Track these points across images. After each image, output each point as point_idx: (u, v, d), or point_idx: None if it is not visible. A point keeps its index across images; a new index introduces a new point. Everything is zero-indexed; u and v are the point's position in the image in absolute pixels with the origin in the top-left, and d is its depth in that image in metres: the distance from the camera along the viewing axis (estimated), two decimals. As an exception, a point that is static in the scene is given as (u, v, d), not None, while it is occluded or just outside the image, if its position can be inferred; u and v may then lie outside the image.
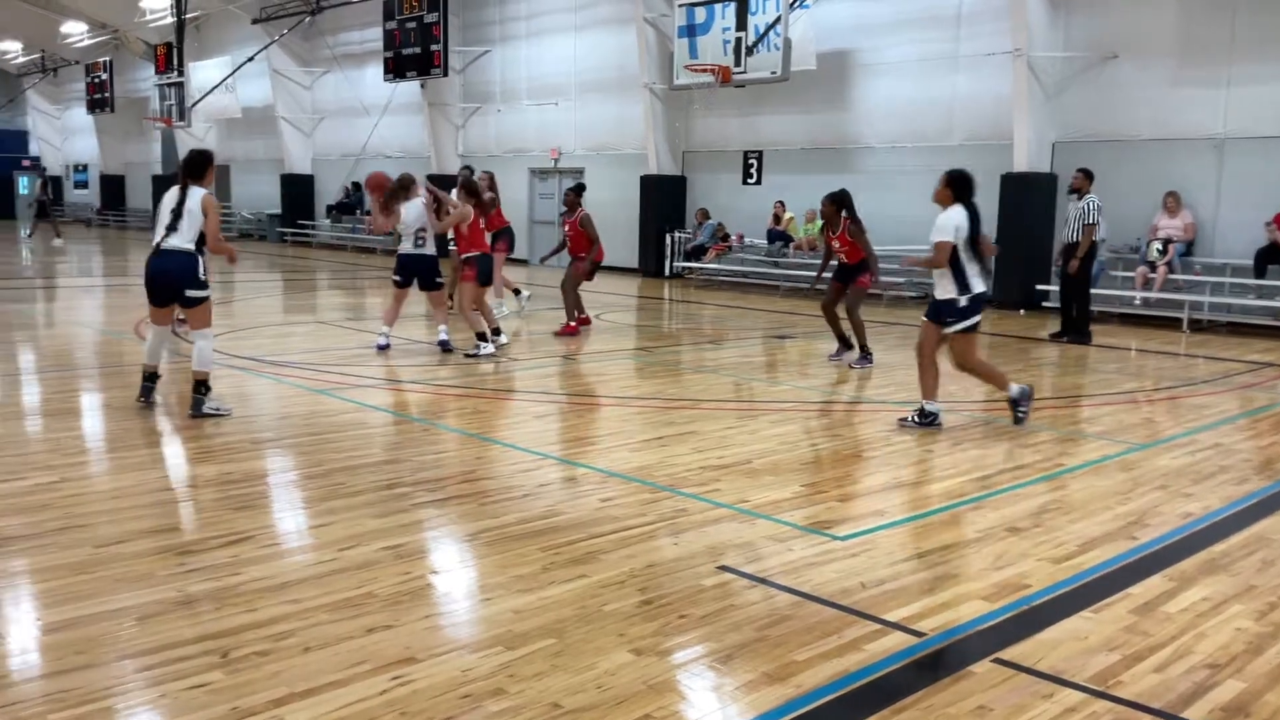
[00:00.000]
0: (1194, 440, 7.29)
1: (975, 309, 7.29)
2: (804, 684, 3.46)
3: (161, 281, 7.36)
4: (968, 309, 7.25)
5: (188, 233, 7.29)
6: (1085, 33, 15.20)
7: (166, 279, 7.34)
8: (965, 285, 7.20)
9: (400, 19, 23.91)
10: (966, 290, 7.20)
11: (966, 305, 7.23)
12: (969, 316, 7.27)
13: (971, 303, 7.25)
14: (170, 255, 7.29)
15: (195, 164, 7.48)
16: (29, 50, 41.27)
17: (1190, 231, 14.04)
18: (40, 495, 5.43)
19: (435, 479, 5.91)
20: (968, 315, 7.26)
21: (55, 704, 3.22)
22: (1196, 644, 3.84)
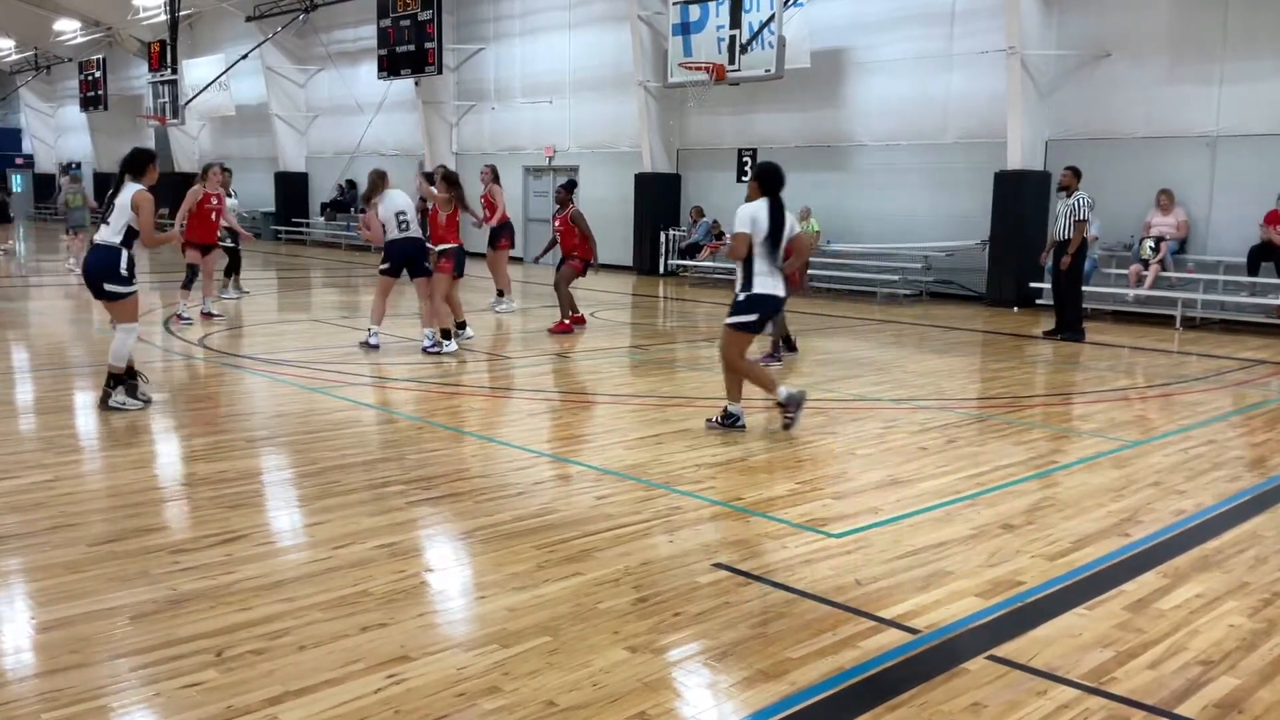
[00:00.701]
0: (1187, 437, 7.31)
1: (752, 308, 6.93)
2: (798, 681, 3.46)
3: (86, 275, 7.43)
4: (743, 305, 6.93)
5: (115, 227, 7.28)
6: (1078, 31, 15.23)
7: (88, 272, 7.39)
8: (748, 282, 6.90)
9: (394, 16, 23.88)
10: (748, 288, 6.89)
11: (743, 302, 6.92)
12: (743, 313, 6.94)
13: (749, 301, 6.91)
14: (95, 249, 7.36)
15: (135, 161, 7.48)
16: (22, 48, 41.17)
17: (1183, 229, 14.07)
18: (34, 494, 5.42)
19: (429, 477, 5.91)
20: (742, 312, 6.94)
21: (49, 703, 3.21)
22: (1190, 641, 3.85)
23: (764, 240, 6.83)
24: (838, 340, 12.29)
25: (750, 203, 6.90)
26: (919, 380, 9.50)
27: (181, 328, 11.88)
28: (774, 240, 6.88)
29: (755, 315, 6.96)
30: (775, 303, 7.05)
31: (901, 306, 16.13)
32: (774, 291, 6.95)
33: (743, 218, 6.84)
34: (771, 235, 6.85)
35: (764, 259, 6.87)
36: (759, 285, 6.89)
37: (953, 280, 16.90)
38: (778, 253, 6.94)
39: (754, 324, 7.01)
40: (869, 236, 17.70)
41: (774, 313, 7.22)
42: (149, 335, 11.29)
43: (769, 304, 6.99)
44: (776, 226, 6.86)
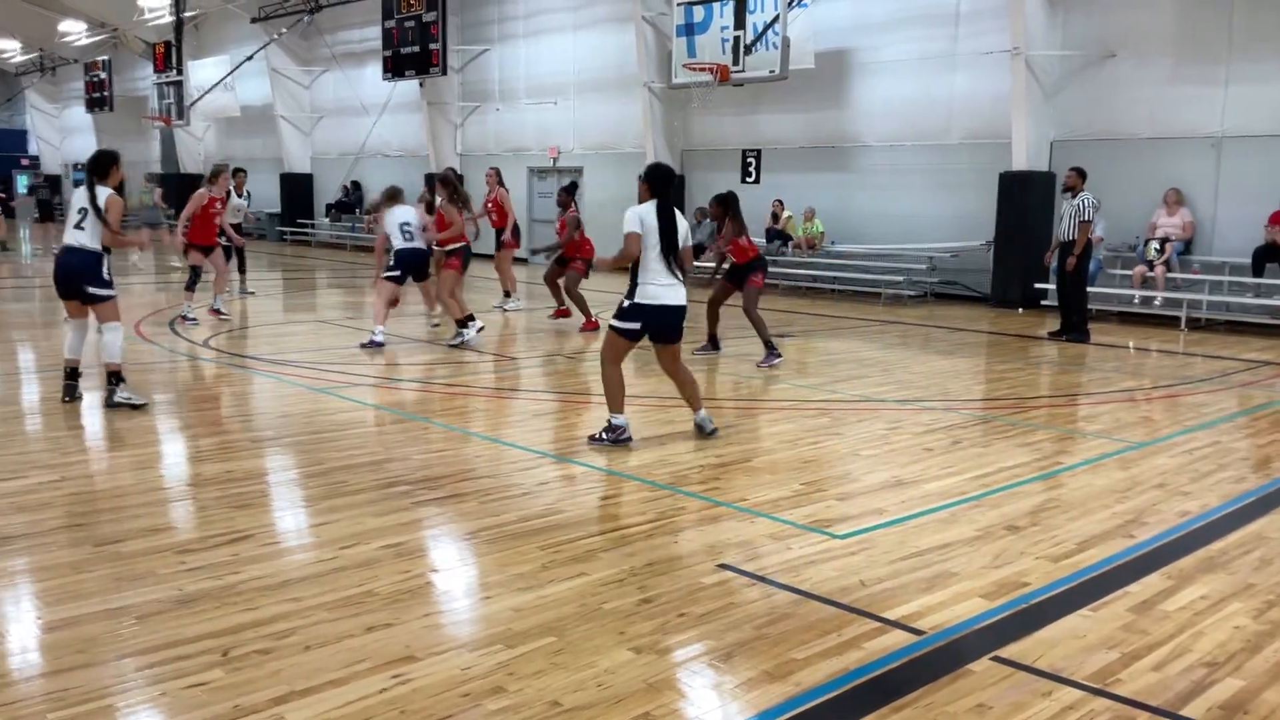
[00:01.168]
0: (1192, 439, 7.30)
1: (634, 317, 6.53)
2: (803, 682, 3.47)
3: (64, 277, 7.51)
4: (626, 312, 6.55)
5: (91, 231, 7.39)
6: (1083, 31, 15.20)
7: (68, 275, 7.48)
8: (633, 289, 6.54)
9: (399, 18, 23.89)
10: (632, 295, 6.53)
11: (627, 309, 6.55)
12: (625, 320, 6.56)
13: (632, 310, 6.53)
14: (73, 252, 7.43)
15: (100, 163, 7.62)
16: (28, 49, 41.23)
17: (1188, 230, 14.04)
18: (41, 494, 5.44)
19: (435, 477, 5.92)
20: (624, 318, 6.56)
21: (55, 703, 3.22)
22: (1195, 642, 3.85)
23: (654, 244, 6.45)
24: (842, 341, 12.29)
25: (640, 205, 6.55)
26: (924, 381, 9.50)
27: (188, 328, 11.91)
28: (666, 244, 6.46)
29: (637, 325, 6.55)
30: (664, 314, 6.55)
31: (906, 307, 16.12)
32: (663, 301, 6.50)
33: (630, 219, 6.45)
34: (663, 239, 6.45)
35: (653, 265, 6.47)
36: (644, 294, 6.49)
37: (957, 281, 16.88)
38: (673, 258, 6.51)
39: (634, 332, 6.59)
40: (873, 237, 17.68)
41: (664, 326, 6.61)
42: (155, 336, 11.31)
43: (656, 316, 6.54)
44: (667, 230, 6.46)
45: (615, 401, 6.71)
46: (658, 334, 6.69)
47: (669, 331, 6.68)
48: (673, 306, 6.59)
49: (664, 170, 6.70)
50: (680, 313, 6.67)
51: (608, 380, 6.71)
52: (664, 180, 6.63)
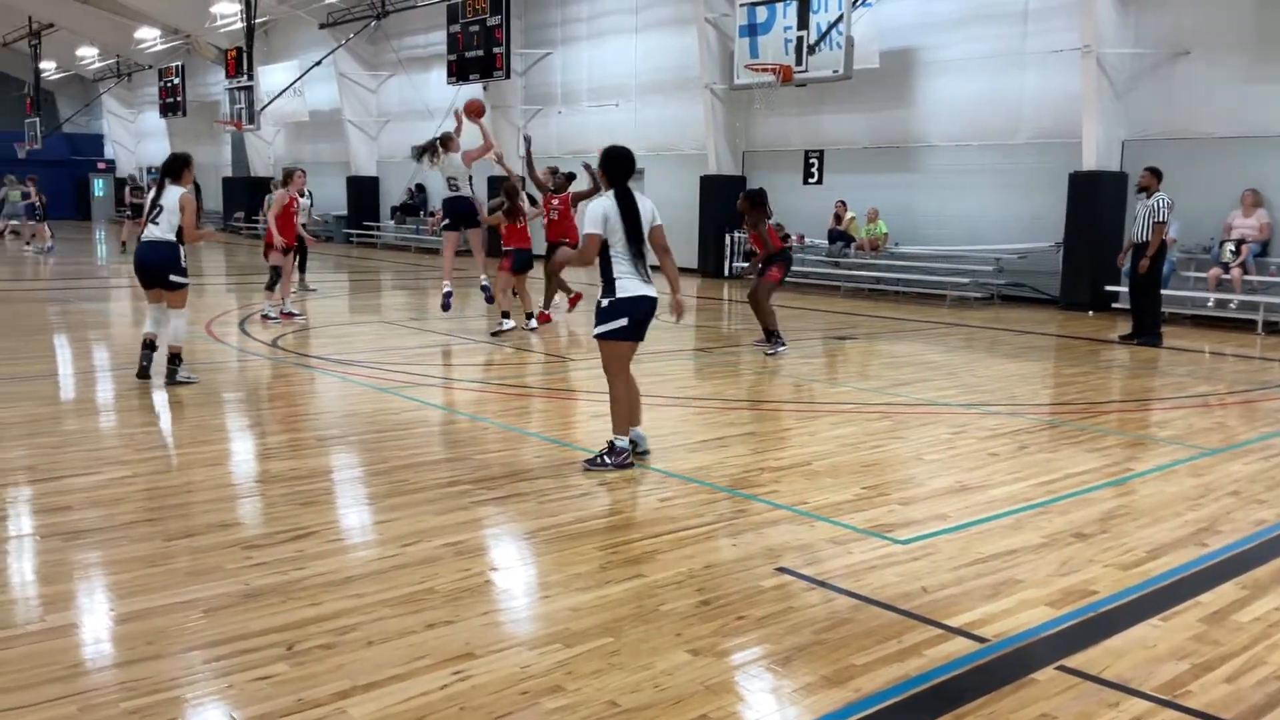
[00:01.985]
0: (1268, 445, 7.09)
1: (619, 313, 6.11)
2: (863, 688, 3.43)
3: (146, 268, 8.46)
4: (608, 312, 6.13)
5: (166, 225, 8.34)
6: (1156, 29, 14.87)
7: (151, 266, 8.43)
8: (610, 286, 6.14)
9: (463, 22, 24.14)
10: (610, 292, 6.13)
11: (607, 308, 6.13)
12: (609, 320, 6.13)
13: (614, 307, 6.12)
14: (153, 246, 8.38)
15: (172, 166, 8.54)
16: (105, 56, 42.43)
17: (1266, 231, 13.66)
18: (114, 489, 5.58)
19: (494, 477, 5.96)
20: (607, 319, 6.14)
21: (126, 693, 3.30)
22: (1269, 654, 3.74)
23: (620, 238, 6.10)
24: (906, 344, 12.15)
25: (599, 199, 6.20)
26: (989, 385, 9.35)
27: (270, 326, 12.18)
28: (632, 236, 6.10)
29: (624, 320, 6.11)
30: (647, 304, 6.19)
31: (972, 309, 15.89)
32: (643, 292, 6.15)
33: (592, 216, 6.09)
34: (627, 231, 6.10)
35: (624, 259, 6.12)
36: (623, 288, 6.11)
37: (1025, 283, 16.60)
38: (640, 249, 6.16)
39: (625, 330, 6.14)
40: (938, 239, 17.47)
41: (647, 316, 6.25)
42: (224, 336, 11.56)
43: (640, 306, 6.15)
44: (630, 220, 6.10)
45: (619, 421, 6.30)
46: (644, 327, 6.30)
47: (642, 327, 6.27)
48: (652, 297, 6.22)
49: (620, 155, 6.25)
50: (655, 304, 6.29)
51: (616, 398, 6.29)
52: (620, 166, 6.21)
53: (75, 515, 5.11)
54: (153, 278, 8.45)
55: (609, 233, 6.09)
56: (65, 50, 42.39)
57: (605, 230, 6.08)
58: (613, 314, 6.12)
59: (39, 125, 42.86)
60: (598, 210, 6.10)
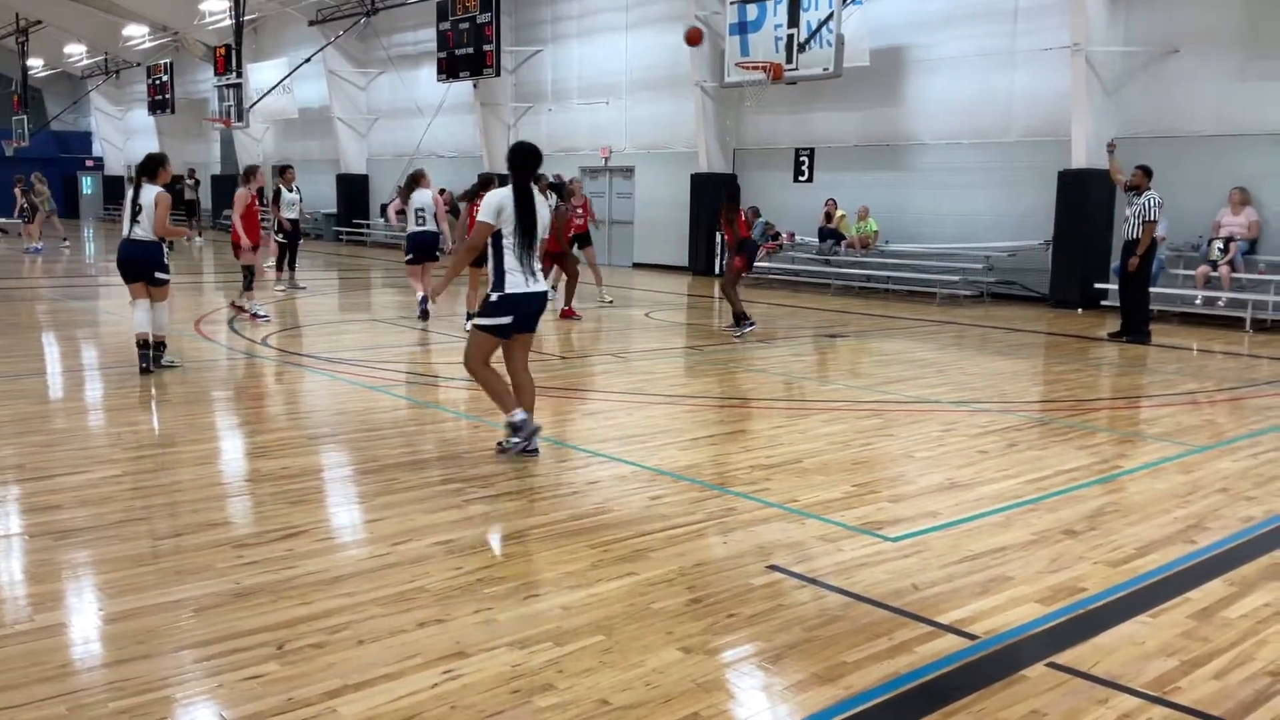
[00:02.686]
0: (1256, 442, 7.12)
1: (505, 309, 6.12)
2: (854, 685, 3.44)
3: (130, 264, 8.84)
4: (494, 306, 6.14)
5: (147, 224, 8.69)
6: (1145, 27, 14.92)
7: (135, 263, 8.83)
8: (499, 281, 6.13)
9: (453, 19, 24.10)
10: (499, 287, 6.12)
11: (495, 303, 6.13)
12: (493, 315, 6.15)
13: (501, 302, 6.12)
14: (137, 244, 8.76)
15: (148, 166, 8.97)
16: (93, 53, 42.24)
17: (1254, 229, 13.72)
18: (104, 488, 5.56)
19: (486, 475, 5.95)
20: (491, 313, 6.16)
21: (116, 692, 3.29)
22: (1258, 651, 3.76)
23: (513, 232, 6.07)
24: (896, 341, 12.17)
25: (499, 190, 6.16)
26: (979, 382, 9.37)
27: (259, 324, 12.12)
28: (525, 231, 6.08)
29: (509, 318, 6.15)
30: (534, 301, 6.22)
31: (962, 307, 15.92)
32: (532, 289, 6.17)
33: (488, 206, 6.10)
34: (522, 226, 6.07)
35: (514, 253, 6.09)
36: (511, 284, 6.10)
37: (1015, 281, 16.65)
38: (532, 245, 6.15)
39: (504, 327, 6.18)
40: (928, 236, 17.51)
41: (532, 313, 6.26)
42: (213, 335, 11.53)
43: (527, 303, 6.18)
44: (525, 216, 6.08)
45: (503, 401, 6.30)
46: (526, 323, 6.30)
47: (532, 320, 6.32)
48: (538, 293, 6.25)
49: (523, 150, 6.20)
50: (544, 299, 6.35)
51: (485, 383, 6.31)
52: (522, 161, 6.16)
53: (65, 514, 5.09)
54: (136, 274, 8.83)
55: (502, 224, 6.08)
56: (53, 47, 42.20)
57: (498, 221, 6.07)
58: (499, 310, 6.15)
59: (26, 123, 42.64)
60: (494, 201, 6.10)
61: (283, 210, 16.14)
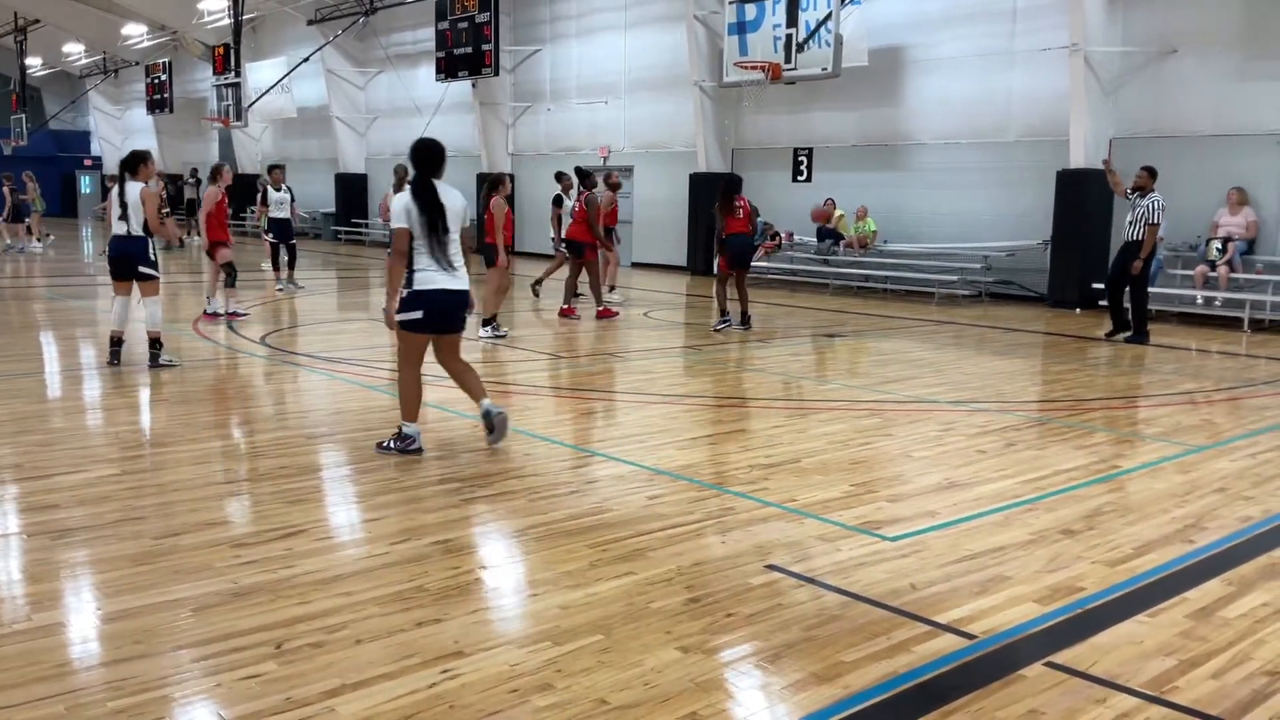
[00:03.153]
0: (1254, 442, 7.13)
1: (414, 305, 6.18)
2: (852, 685, 3.44)
3: (117, 261, 9.00)
4: (405, 302, 6.20)
5: (135, 221, 8.85)
6: (1144, 27, 14.93)
7: (122, 259, 8.96)
8: (410, 278, 6.20)
9: (452, 19, 24.09)
10: (410, 284, 6.19)
11: (406, 299, 6.19)
12: (406, 311, 6.20)
13: (410, 298, 6.18)
14: (122, 240, 8.94)
15: (130, 163, 9.05)
16: (91, 52, 42.21)
17: (1252, 229, 13.73)
18: (101, 487, 5.56)
19: (484, 475, 5.95)
20: (405, 309, 6.20)
21: (114, 692, 3.29)
22: (1255, 650, 3.76)
23: (423, 231, 6.12)
24: (894, 341, 12.17)
25: (402, 194, 6.24)
26: (978, 382, 9.38)
27: (241, 323, 12.11)
28: (428, 229, 6.12)
29: (419, 313, 6.18)
30: (444, 298, 6.20)
31: (960, 307, 15.93)
32: (441, 286, 6.17)
33: (397, 211, 6.15)
34: (425, 223, 6.11)
35: (423, 251, 6.14)
36: (420, 280, 6.16)
37: (1013, 281, 16.65)
38: (440, 240, 6.15)
39: (420, 322, 6.21)
40: (927, 236, 17.52)
41: (447, 310, 6.27)
42: (212, 335, 11.52)
43: (438, 300, 6.19)
44: (427, 213, 6.11)
45: (408, 408, 6.37)
46: (438, 323, 6.30)
47: (449, 319, 6.33)
48: (451, 290, 6.23)
49: (422, 147, 6.28)
50: (458, 297, 6.29)
51: (402, 384, 6.39)
52: (421, 159, 6.24)
53: (62, 513, 5.09)
54: (124, 270, 9.00)
55: (412, 225, 6.12)
56: (51, 46, 42.16)
57: (409, 223, 6.12)
58: (409, 306, 6.20)
59: (25, 122, 42.62)
60: (400, 204, 6.15)
61: (271, 209, 16.11)
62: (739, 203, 12.37)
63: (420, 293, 6.17)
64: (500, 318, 11.71)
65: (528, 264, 23.26)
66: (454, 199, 6.29)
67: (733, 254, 12.49)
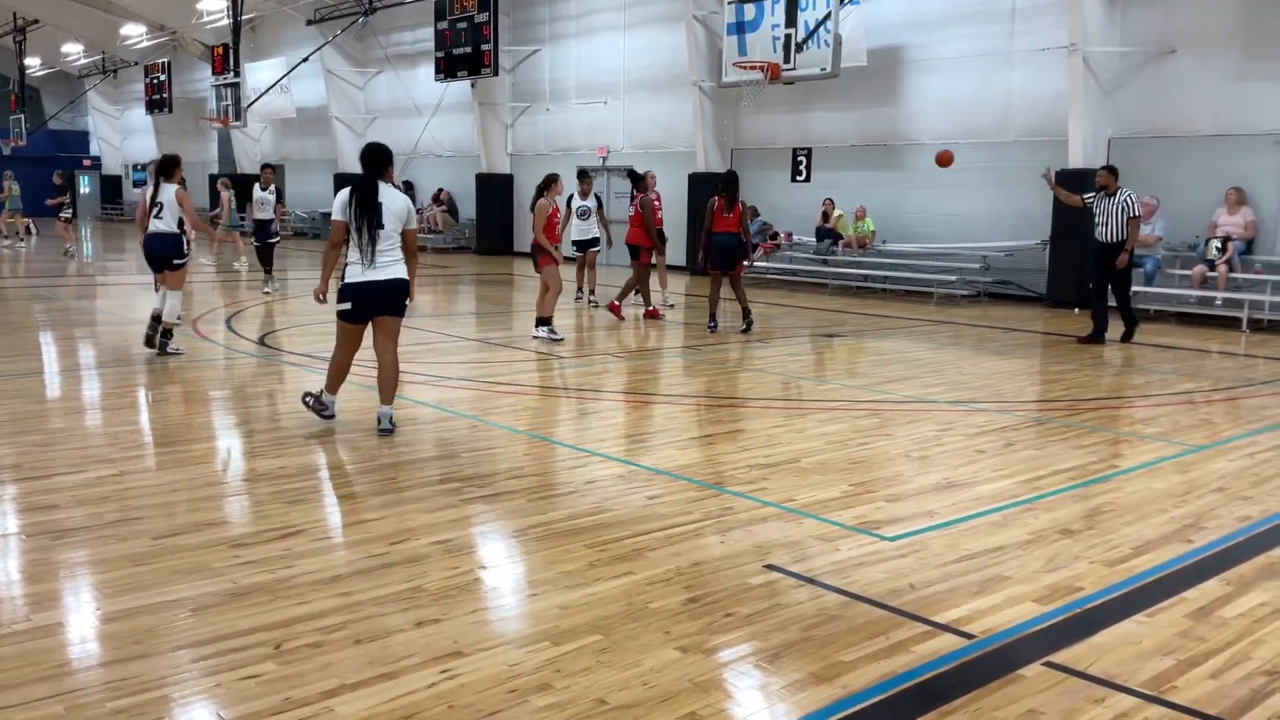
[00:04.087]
0: (1253, 442, 7.13)
1: (344, 297, 6.76)
2: (851, 685, 3.44)
3: (153, 256, 9.75)
4: (339, 293, 6.80)
5: (169, 219, 9.58)
6: (1143, 27, 14.93)
7: (156, 254, 9.70)
8: (344, 271, 6.79)
9: (451, 19, 24.08)
10: (343, 277, 6.79)
11: (340, 290, 6.80)
12: (339, 302, 6.79)
13: (341, 290, 6.78)
14: (158, 237, 9.65)
15: (165, 166, 9.81)
16: (90, 52, 42.18)
17: (1251, 229, 13.73)
18: (100, 488, 5.56)
19: (483, 475, 5.96)
20: (339, 300, 6.80)
21: (113, 692, 3.29)
22: (1254, 650, 3.76)
23: (355, 226, 6.64)
24: (893, 341, 12.18)
25: (343, 190, 6.77)
26: (976, 382, 9.38)
27: (238, 323, 12.10)
28: (361, 226, 6.62)
29: (348, 304, 6.77)
30: (366, 290, 6.71)
31: (959, 307, 15.93)
32: (363, 278, 6.69)
33: (336, 205, 6.75)
34: (357, 221, 6.62)
35: (355, 245, 6.68)
36: (349, 273, 6.74)
37: (1012, 281, 16.66)
38: (371, 237, 6.63)
39: (348, 313, 6.79)
40: (925, 236, 17.52)
41: (372, 300, 6.76)
42: (212, 334, 11.52)
43: (358, 292, 6.72)
44: (365, 210, 6.61)
45: (331, 382, 7.10)
46: (371, 310, 6.81)
47: (378, 307, 6.81)
48: (373, 282, 6.71)
49: (367, 150, 6.80)
50: (381, 288, 6.74)
51: (332, 361, 7.07)
52: (371, 160, 6.75)
53: (61, 514, 5.09)
54: (159, 264, 9.72)
55: (349, 219, 6.69)
56: (50, 46, 42.13)
57: (345, 217, 6.70)
58: (341, 297, 6.81)
59: (24, 122, 42.59)
60: (339, 200, 6.76)
61: (255, 210, 15.83)
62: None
63: (348, 285, 6.76)
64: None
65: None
66: (395, 200, 6.77)
67: (717, 254, 12.34)
